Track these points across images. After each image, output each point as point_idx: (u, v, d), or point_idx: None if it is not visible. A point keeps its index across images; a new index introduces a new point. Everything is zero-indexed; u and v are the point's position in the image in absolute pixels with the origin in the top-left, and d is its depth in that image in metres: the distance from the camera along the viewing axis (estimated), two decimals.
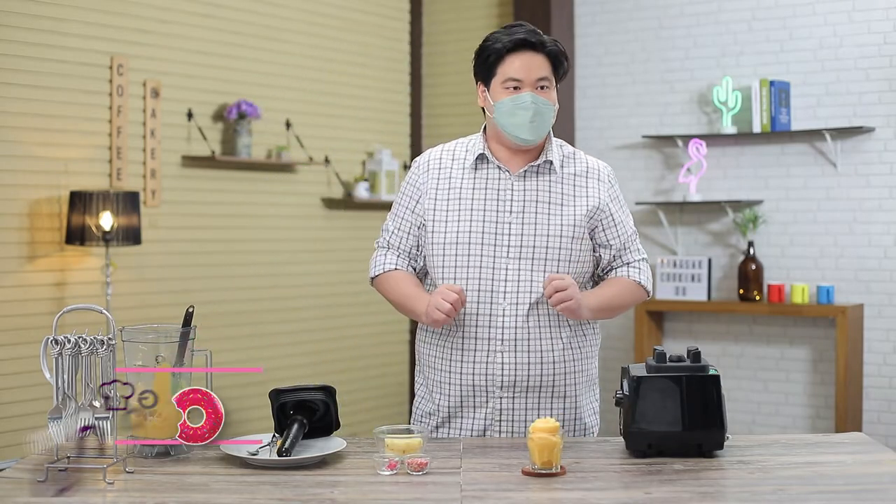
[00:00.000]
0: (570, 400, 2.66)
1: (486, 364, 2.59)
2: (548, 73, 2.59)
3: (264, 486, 2.09)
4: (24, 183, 4.54)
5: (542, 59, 2.59)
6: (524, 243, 2.59)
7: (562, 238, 2.60)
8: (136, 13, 4.96)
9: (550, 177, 2.64)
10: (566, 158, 2.70)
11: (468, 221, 2.61)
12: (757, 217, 5.47)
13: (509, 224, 2.60)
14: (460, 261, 2.61)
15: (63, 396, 2.22)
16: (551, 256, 2.59)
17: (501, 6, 6.36)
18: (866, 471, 2.17)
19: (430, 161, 2.71)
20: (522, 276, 2.58)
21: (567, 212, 2.62)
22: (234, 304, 5.45)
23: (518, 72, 2.57)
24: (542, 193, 2.62)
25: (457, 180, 2.66)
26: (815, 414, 5.46)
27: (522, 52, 2.57)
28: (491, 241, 2.60)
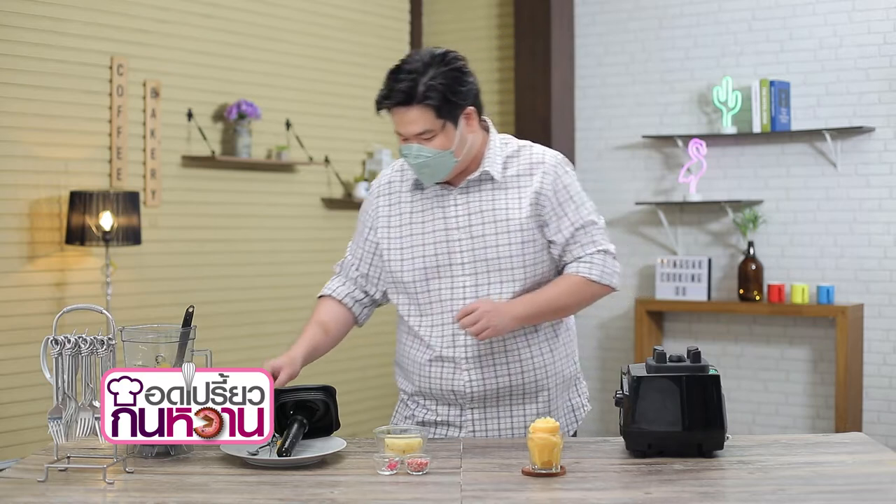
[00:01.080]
0: (544, 405, 2.64)
1: (453, 381, 2.58)
2: (426, 124, 2.44)
3: (264, 486, 2.09)
4: (24, 183, 4.54)
5: (417, 113, 2.43)
6: (476, 258, 2.55)
7: (510, 246, 2.54)
8: (136, 13, 4.96)
9: (493, 185, 2.57)
10: (509, 159, 2.60)
11: (421, 245, 2.58)
12: (757, 217, 5.47)
13: (459, 241, 2.56)
14: (420, 286, 2.58)
15: (63, 396, 2.22)
16: (505, 266, 2.55)
17: (501, 6, 6.36)
18: (866, 471, 2.16)
19: (381, 186, 2.69)
20: (481, 291, 2.55)
21: (512, 216, 2.55)
22: (234, 304, 5.45)
23: (396, 126, 2.49)
24: (485, 203, 2.56)
25: (406, 204, 2.63)
26: (815, 414, 5.46)
27: (395, 108, 2.45)
28: (445, 260, 2.56)
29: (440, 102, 2.43)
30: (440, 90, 2.42)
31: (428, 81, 2.41)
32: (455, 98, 2.45)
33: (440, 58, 2.46)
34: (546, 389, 2.63)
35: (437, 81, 2.42)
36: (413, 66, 2.43)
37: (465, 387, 2.57)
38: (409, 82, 2.41)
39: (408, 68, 2.43)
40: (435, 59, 2.45)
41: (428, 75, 2.42)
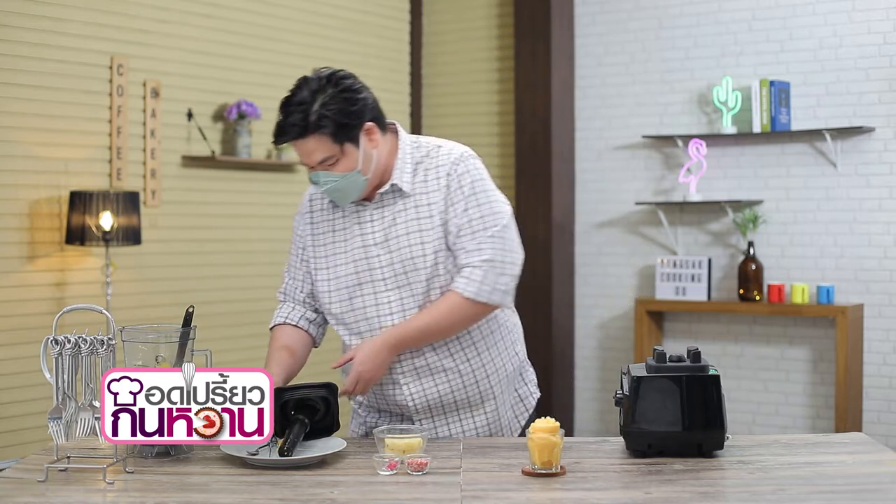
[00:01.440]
0: (491, 403, 2.62)
1: (395, 396, 2.57)
2: (326, 152, 2.42)
3: (264, 486, 2.09)
4: (24, 183, 4.54)
5: (315, 142, 2.41)
6: (396, 272, 2.51)
7: (426, 257, 2.50)
8: (136, 13, 4.96)
9: (403, 198, 2.53)
10: (419, 164, 2.55)
11: (343, 265, 2.56)
12: (757, 217, 5.47)
13: (378, 257, 2.53)
14: (344, 305, 2.56)
15: (63, 396, 2.22)
16: (423, 277, 2.50)
17: (501, 6, 6.36)
18: (866, 471, 2.16)
19: (303, 206, 2.68)
20: (406, 305, 2.52)
21: (425, 226, 2.51)
22: (234, 304, 5.44)
23: (300, 157, 2.48)
24: (399, 216, 2.52)
25: (327, 222, 2.62)
26: (815, 414, 5.46)
27: (293, 141, 2.44)
28: (367, 277, 2.53)
29: (334, 128, 2.40)
30: (331, 116, 2.40)
31: (318, 110, 2.39)
32: (349, 119, 2.42)
33: (327, 81, 2.43)
34: (490, 389, 2.61)
35: (327, 108, 2.39)
36: (301, 97, 2.41)
37: (408, 400, 2.56)
38: (300, 114, 2.39)
39: (296, 100, 2.41)
40: (322, 84, 2.42)
41: (318, 103, 2.40)
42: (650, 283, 5.91)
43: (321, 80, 2.44)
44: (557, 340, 6.05)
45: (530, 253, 6.10)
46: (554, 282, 6.03)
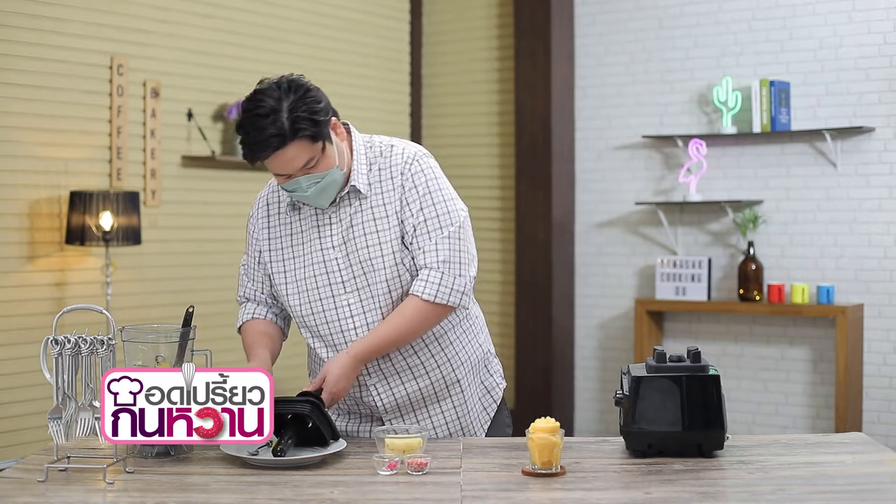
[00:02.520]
0: (458, 396, 2.61)
1: (362, 397, 2.56)
2: (308, 154, 2.36)
3: (264, 486, 2.09)
4: (24, 183, 4.54)
5: (295, 148, 2.34)
6: (355, 274, 2.49)
7: (384, 258, 2.48)
8: (136, 13, 4.96)
9: (360, 200, 2.50)
10: (372, 164, 2.52)
11: (302, 268, 2.54)
12: (757, 217, 5.47)
13: (336, 260, 2.50)
14: (305, 308, 2.54)
15: (63, 396, 2.22)
16: (383, 278, 2.49)
17: (501, 6, 6.36)
18: (866, 471, 2.16)
19: (259, 209, 2.62)
20: (366, 307, 2.50)
21: (381, 227, 2.49)
22: (234, 304, 5.43)
23: (279, 169, 2.38)
24: (355, 218, 2.50)
25: (285, 225, 2.57)
26: (815, 414, 5.46)
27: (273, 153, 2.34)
28: (325, 280, 2.51)
29: (312, 129, 2.35)
30: (306, 116, 2.34)
31: (291, 115, 2.33)
32: (320, 116, 2.38)
33: (287, 86, 2.37)
34: (456, 381, 2.60)
35: (298, 112, 2.34)
36: (267, 108, 2.32)
37: (376, 401, 2.55)
38: (275, 124, 2.31)
39: (263, 112, 2.32)
40: (283, 90, 2.36)
41: (286, 109, 2.33)
42: (650, 283, 5.91)
43: (279, 88, 2.37)
44: (557, 340, 6.05)
45: (530, 253, 6.16)
46: (554, 282, 6.03)
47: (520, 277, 6.11)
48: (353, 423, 2.64)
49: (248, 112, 2.36)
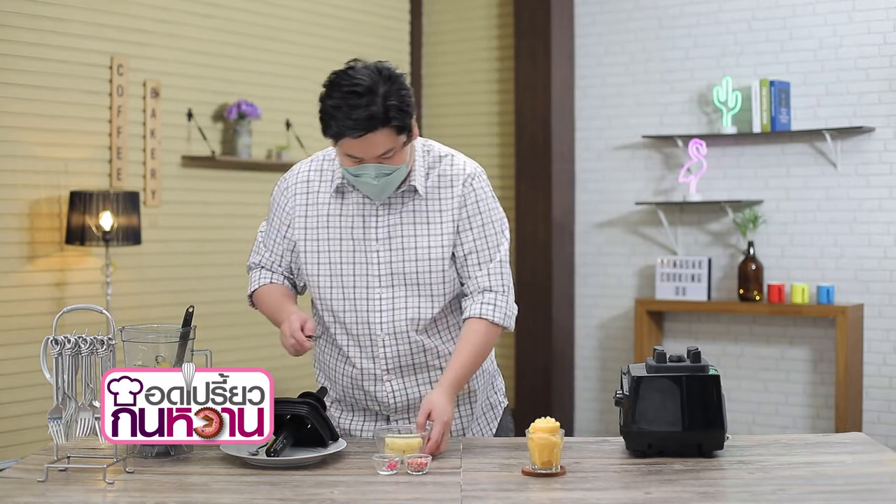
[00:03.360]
0: (466, 407, 2.62)
1: (375, 392, 2.55)
2: (390, 144, 2.35)
3: (264, 486, 2.09)
4: (24, 183, 4.54)
5: (385, 135, 2.33)
6: (394, 271, 2.49)
7: (430, 261, 2.49)
8: (136, 13, 4.96)
9: (414, 199, 2.50)
10: (431, 168, 2.52)
11: (338, 252, 2.52)
12: (757, 217, 5.47)
13: (377, 252, 2.49)
14: (335, 293, 2.53)
15: (63, 396, 2.22)
16: (423, 281, 2.49)
17: (501, 6, 6.36)
18: (866, 471, 2.16)
19: (298, 184, 2.58)
20: (397, 304, 2.50)
21: (433, 231, 2.50)
22: (234, 304, 5.44)
23: (357, 152, 2.36)
24: (406, 216, 2.50)
25: (324, 206, 2.54)
26: (815, 414, 5.46)
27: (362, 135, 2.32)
28: (362, 270, 2.50)
29: (402, 120, 2.34)
30: (399, 107, 2.33)
31: (388, 101, 2.32)
32: (410, 110, 2.38)
33: (385, 73, 2.37)
34: (469, 392, 2.61)
35: (394, 99, 2.33)
36: (364, 88, 2.32)
37: (388, 397, 2.55)
38: (371, 106, 2.30)
39: (360, 90, 2.31)
40: (381, 75, 2.36)
41: (382, 94, 2.32)
42: (650, 283, 5.91)
43: (377, 72, 2.36)
44: (557, 340, 6.05)
45: (530, 253, 6.15)
46: (554, 282, 6.03)
47: (520, 277, 6.11)
48: (358, 421, 2.63)
49: (340, 88, 2.34)
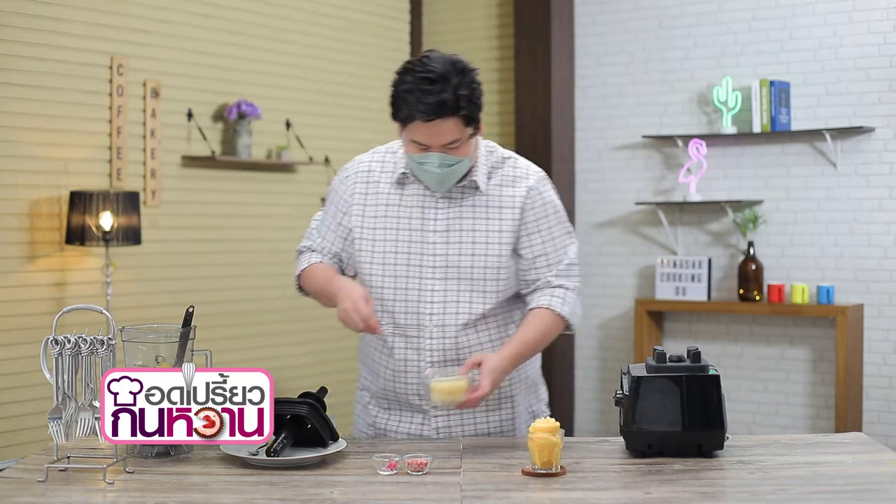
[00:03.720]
0: (508, 411, 2.63)
1: (419, 384, 2.56)
2: (457, 134, 2.40)
3: (264, 486, 2.09)
4: (24, 183, 4.54)
5: (453, 124, 2.39)
6: (449, 263, 2.52)
7: (486, 257, 2.52)
8: (136, 13, 4.96)
9: (475, 194, 2.54)
10: (494, 168, 2.57)
11: (394, 241, 2.55)
12: (757, 217, 5.47)
13: (434, 244, 2.53)
14: (387, 281, 2.55)
15: (63, 396, 2.22)
16: (477, 276, 2.52)
17: (501, 6, 6.36)
18: (866, 471, 2.17)
19: (359, 173, 2.62)
20: (449, 297, 2.52)
21: (492, 227, 2.53)
22: (234, 304, 5.45)
23: (424, 138, 2.41)
24: (466, 211, 2.53)
25: (383, 195, 2.58)
26: (815, 414, 5.46)
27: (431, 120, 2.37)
28: (417, 261, 2.53)
29: (471, 111, 2.40)
30: (469, 98, 2.39)
31: (459, 91, 2.37)
32: (479, 104, 2.43)
33: (458, 64, 2.41)
34: (511, 396, 2.62)
35: (465, 90, 2.38)
36: (437, 74, 2.36)
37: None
38: (446, 93, 2.36)
39: (434, 77, 2.36)
40: (456, 67, 2.40)
41: (453, 84, 2.37)
42: (650, 283, 5.91)
43: (451, 63, 2.40)
44: (557, 340, 6.03)
45: None
46: None
47: None
48: (395, 420, 2.63)
49: (414, 73, 2.39)
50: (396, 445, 2.43)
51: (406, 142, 2.46)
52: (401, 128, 2.45)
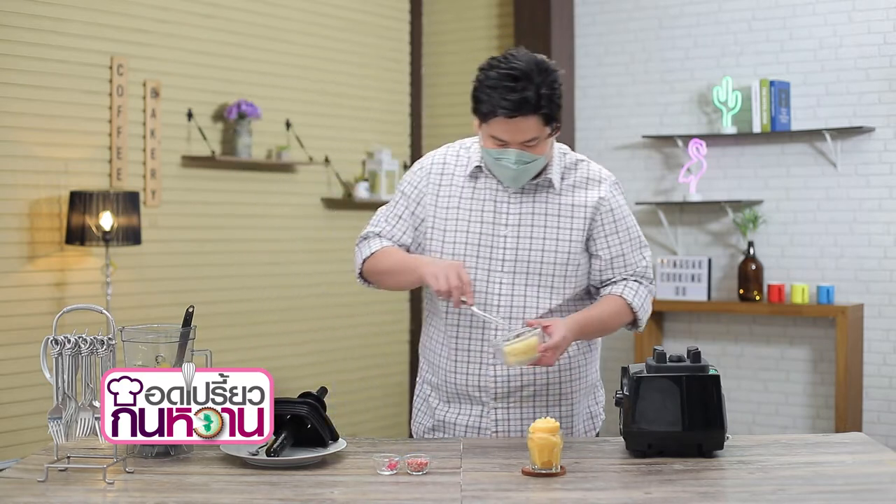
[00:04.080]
0: (567, 408, 2.64)
1: (479, 376, 2.58)
2: (537, 132, 2.44)
3: (264, 486, 2.09)
4: (24, 183, 4.54)
5: (534, 122, 2.43)
6: (518, 258, 2.56)
7: (556, 254, 2.56)
8: (136, 13, 4.96)
9: (548, 192, 2.59)
10: (567, 170, 2.62)
11: (465, 232, 2.58)
12: (757, 217, 5.47)
13: (504, 237, 2.56)
14: None
15: (63, 396, 2.22)
16: (545, 272, 2.56)
17: (501, 6, 6.36)
18: (866, 471, 2.17)
19: (434, 165, 2.67)
20: (516, 291, 2.55)
21: (563, 225, 2.57)
22: (234, 304, 5.45)
23: (503, 134, 2.45)
24: (538, 207, 2.58)
25: (457, 188, 2.62)
26: (815, 414, 5.46)
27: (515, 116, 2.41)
28: (486, 253, 2.56)
29: (551, 110, 2.44)
30: (551, 97, 2.43)
31: (541, 90, 2.41)
32: (559, 104, 2.47)
33: (542, 65, 2.45)
34: (571, 393, 2.64)
35: (547, 89, 2.42)
36: (521, 72, 2.40)
37: (490, 382, 2.57)
38: (526, 91, 2.39)
39: (518, 74, 2.40)
40: (539, 67, 2.43)
41: (536, 82, 2.41)
42: None
43: (535, 63, 2.44)
44: None
45: None
46: None
47: None
48: (454, 412, 2.64)
49: (498, 69, 2.43)
50: (396, 445, 2.43)
51: (484, 136, 2.51)
52: (480, 122, 2.50)
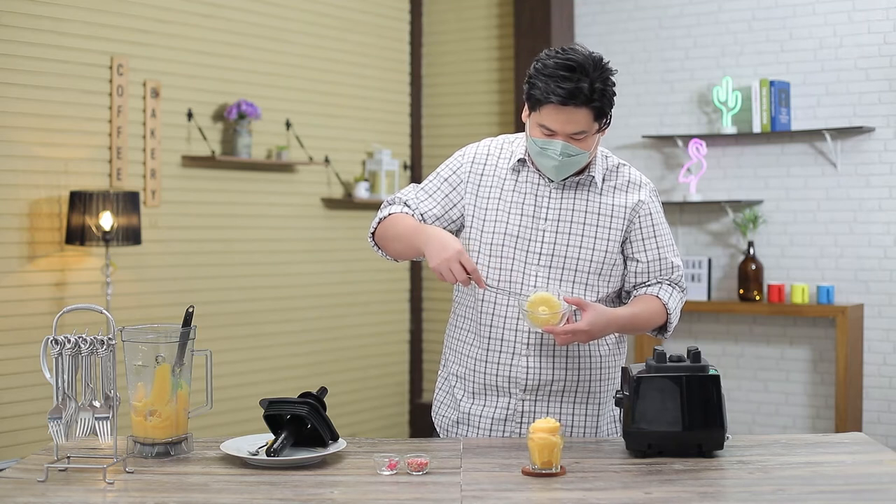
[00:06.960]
0: (593, 407, 2.64)
1: (510, 366, 2.59)
2: (586, 126, 2.46)
3: (264, 486, 2.09)
4: (24, 183, 4.54)
5: (585, 114, 2.45)
6: (556, 252, 2.57)
7: (594, 251, 2.58)
8: (136, 13, 4.96)
9: (590, 189, 2.61)
10: (609, 171, 2.65)
11: (504, 223, 2.60)
12: (757, 217, 5.47)
13: (543, 231, 2.58)
14: (493, 261, 2.59)
15: (63, 396, 2.22)
16: (581, 268, 2.58)
17: (501, 6, 6.36)
18: (866, 471, 2.17)
19: (478, 155, 2.69)
20: (551, 285, 2.57)
21: (603, 224, 2.59)
22: (234, 304, 5.44)
23: (552, 124, 2.46)
24: (578, 203, 2.59)
25: (499, 179, 2.63)
26: (815, 414, 5.46)
27: (565, 106, 2.43)
28: (523, 245, 2.58)
29: (603, 105, 2.46)
30: (604, 93, 2.45)
31: (595, 84, 2.43)
32: (611, 100, 2.50)
33: (598, 61, 2.46)
34: (600, 393, 2.64)
35: (600, 84, 2.44)
36: (577, 64, 2.42)
37: (521, 373, 2.58)
38: (580, 82, 2.41)
39: (575, 65, 2.42)
40: (595, 62, 2.45)
41: (591, 76, 2.43)
42: None
43: (592, 59, 2.46)
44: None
45: None
46: None
47: None
48: (479, 405, 2.64)
49: (555, 59, 2.46)
50: (397, 445, 2.43)
51: (532, 125, 2.51)
52: (530, 110, 2.51)
